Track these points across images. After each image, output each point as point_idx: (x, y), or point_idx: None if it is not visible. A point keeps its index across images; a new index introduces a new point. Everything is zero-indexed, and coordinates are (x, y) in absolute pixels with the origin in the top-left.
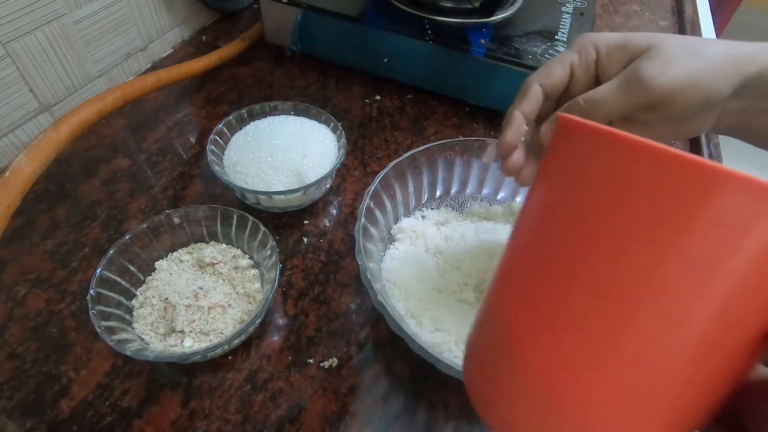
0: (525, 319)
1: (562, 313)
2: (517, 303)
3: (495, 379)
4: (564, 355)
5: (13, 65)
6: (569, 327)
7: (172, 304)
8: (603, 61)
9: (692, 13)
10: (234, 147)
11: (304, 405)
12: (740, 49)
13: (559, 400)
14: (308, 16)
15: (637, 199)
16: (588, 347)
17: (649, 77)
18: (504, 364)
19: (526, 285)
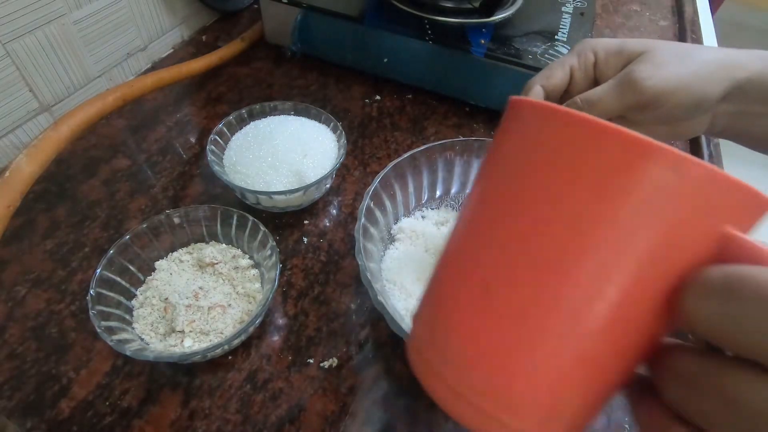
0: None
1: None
2: (455, 268)
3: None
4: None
5: (13, 65)
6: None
7: (172, 304)
8: (601, 65)
9: (692, 13)
10: (234, 147)
11: (304, 405)
12: (730, 56)
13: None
14: (308, 16)
15: (562, 163)
16: (511, 311)
17: (642, 79)
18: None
19: (462, 252)
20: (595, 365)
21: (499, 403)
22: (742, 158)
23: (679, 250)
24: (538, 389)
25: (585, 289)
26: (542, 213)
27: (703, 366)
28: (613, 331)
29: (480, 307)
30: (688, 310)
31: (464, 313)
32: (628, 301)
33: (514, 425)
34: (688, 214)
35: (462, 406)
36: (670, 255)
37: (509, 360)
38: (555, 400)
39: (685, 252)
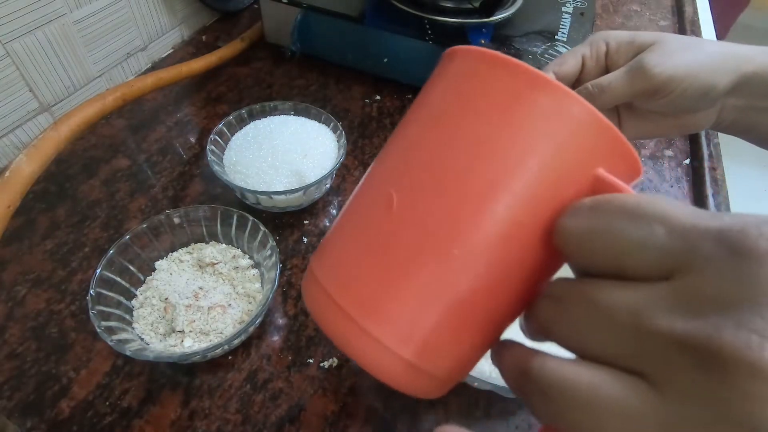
0: (368, 196)
1: (396, 190)
2: (365, 188)
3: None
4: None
5: (13, 65)
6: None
7: (172, 304)
8: (612, 54)
9: (692, 13)
10: (234, 147)
11: (304, 405)
12: (738, 49)
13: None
14: (308, 16)
15: (467, 89)
16: (407, 224)
17: (651, 66)
18: (340, 241)
19: (373, 174)
20: (475, 295)
21: (377, 318)
22: (742, 160)
23: (558, 182)
24: (414, 306)
25: (474, 205)
26: (446, 133)
27: (571, 284)
28: (495, 257)
29: (378, 218)
30: (560, 229)
31: (362, 224)
32: (511, 225)
33: (389, 342)
34: (568, 147)
35: (337, 317)
36: (549, 185)
37: (398, 269)
38: (423, 319)
39: (563, 185)
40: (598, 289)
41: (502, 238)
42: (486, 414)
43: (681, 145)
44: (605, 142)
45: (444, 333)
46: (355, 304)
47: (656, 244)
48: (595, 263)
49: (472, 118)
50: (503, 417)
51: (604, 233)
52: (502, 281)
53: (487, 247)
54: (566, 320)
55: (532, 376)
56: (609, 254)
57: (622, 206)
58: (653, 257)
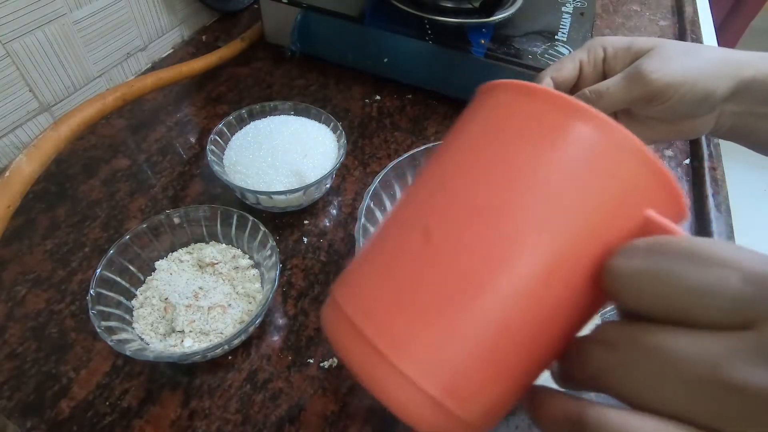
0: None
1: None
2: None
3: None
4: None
5: (13, 65)
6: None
7: (172, 304)
8: (610, 60)
9: (692, 13)
10: (234, 147)
11: (304, 405)
12: (736, 55)
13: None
14: (308, 16)
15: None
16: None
17: (649, 71)
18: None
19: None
20: (512, 334)
21: (410, 357)
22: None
23: (605, 220)
24: (447, 342)
25: (516, 241)
26: (488, 165)
27: (627, 329)
28: (535, 296)
29: (414, 253)
30: (612, 269)
31: (396, 257)
32: (554, 264)
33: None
34: (617, 184)
35: (360, 348)
36: (596, 223)
37: (431, 305)
38: (455, 356)
39: (610, 224)
40: (665, 336)
41: (544, 277)
42: None
43: (681, 146)
44: (654, 181)
45: (476, 373)
46: (383, 334)
47: (730, 291)
48: (653, 307)
49: (515, 150)
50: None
51: (665, 277)
52: (541, 322)
53: (527, 286)
54: (626, 370)
55: (587, 429)
56: (671, 301)
57: (685, 247)
58: (727, 305)
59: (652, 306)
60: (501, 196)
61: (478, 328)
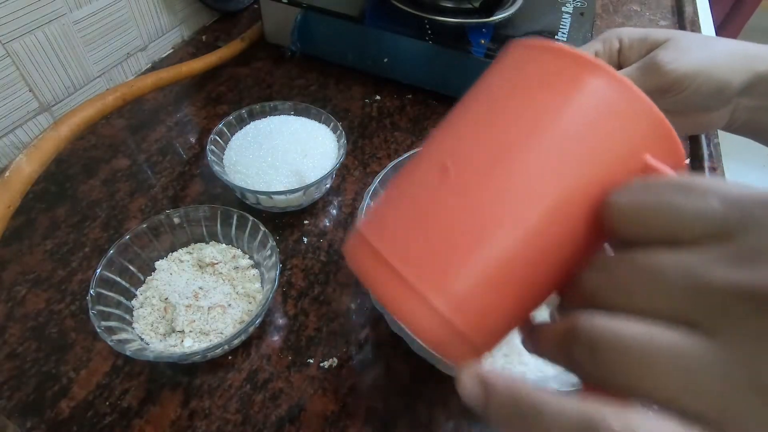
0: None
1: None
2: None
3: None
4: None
5: (13, 65)
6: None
7: (172, 304)
8: (625, 51)
9: (692, 13)
10: (234, 147)
11: (304, 405)
12: (753, 48)
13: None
14: (308, 16)
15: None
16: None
17: (665, 62)
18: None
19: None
20: (519, 264)
21: (424, 277)
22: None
23: (609, 163)
24: (460, 266)
25: (528, 178)
26: (506, 111)
27: (618, 254)
28: (542, 229)
29: (433, 186)
30: (611, 204)
31: (416, 191)
32: (561, 200)
33: (434, 301)
34: (622, 131)
35: (380, 270)
36: (601, 165)
37: (448, 234)
38: (465, 277)
39: (613, 167)
40: (650, 254)
41: (551, 213)
42: None
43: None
44: (656, 130)
45: (483, 294)
46: (401, 257)
47: (710, 211)
48: (645, 234)
49: (533, 99)
50: None
51: (657, 205)
52: (545, 255)
53: (536, 220)
54: (614, 284)
55: (579, 334)
56: (661, 224)
57: (675, 182)
58: (707, 223)
59: (645, 232)
60: (517, 138)
61: (489, 256)
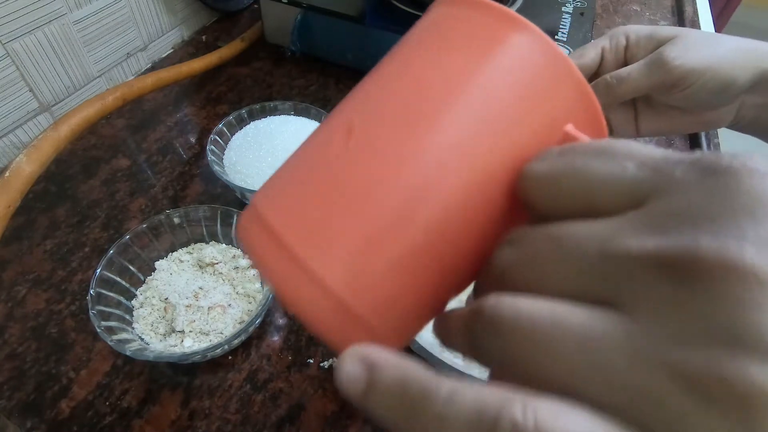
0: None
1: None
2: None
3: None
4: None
5: (13, 65)
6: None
7: (172, 304)
8: (632, 48)
9: (692, 13)
10: (234, 147)
11: (304, 405)
12: (759, 45)
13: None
14: (308, 16)
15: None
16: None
17: (671, 58)
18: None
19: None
20: (427, 241)
21: (318, 250)
22: None
23: (527, 130)
24: (358, 242)
25: (439, 141)
26: (420, 67)
27: (532, 227)
28: (454, 199)
29: (335, 148)
30: (526, 173)
31: (316, 153)
32: (474, 168)
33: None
34: (542, 96)
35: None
36: (518, 132)
37: (348, 203)
38: (365, 254)
39: (531, 134)
40: (564, 226)
41: (464, 181)
42: None
43: (681, 145)
44: (578, 99)
45: (388, 273)
46: (292, 230)
47: (626, 176)
48: (562, 205)
49: (449, 56)
50: None
51: (572, 173)
52: (458, 228)
53: (447, 187)
54: (525, 260)
55: (485, 314)
56: (576, 193)
57: (592, 147)
58: (623, 189)
59: (561, 204)
60: (429, 97)
61: (393, 226)
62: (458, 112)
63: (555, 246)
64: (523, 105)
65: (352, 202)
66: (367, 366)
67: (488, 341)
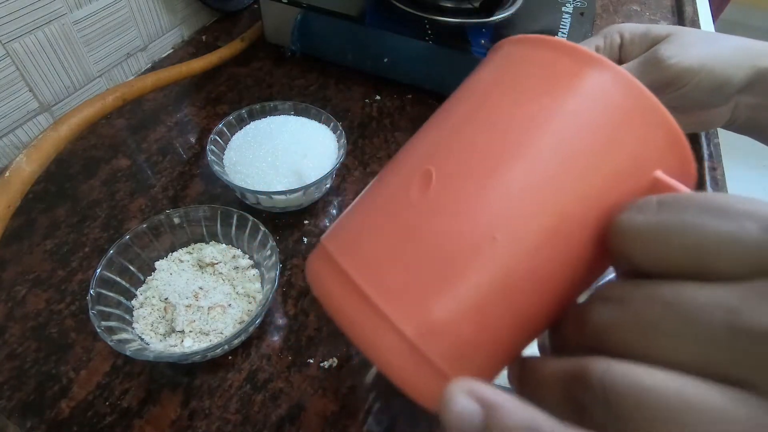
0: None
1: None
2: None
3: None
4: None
5: (13, 65)
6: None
7: (172, 304)
8: (626, 46)
9: (692, 13)
10: (234, 147)
11: (304, 405)
12: (755, 44)
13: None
14: (308, 16)
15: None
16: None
17: (666, 57)
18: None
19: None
20: (508, 293)
21: (398, 301)
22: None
23: (614, 177)
24: (438, 294)
25: (522, 190)
26: (497, 114)
27: (635, 285)
28: (537, 251)
29: (411, 197)
30: (622, 224)
31: (392, 202)
32: (559, 217)
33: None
34: (628, 139)
35: (356, 304)
36: (605, 179)
37: (427, 254)
38: (444, 306)
39: (618, 181)
40: (680, 290)
41: (546, 234)
42: None
43: None
44: (667, 141)
45: (466, 323)
46: (372, 280)
47: (748, 239)
48: (667, 263)
49: (526, 98)
50: None
51: (681, 230)
52: (539, 279)
53: (528, 242)
54: (632, 322)
55: (593, 382)
56: (687, 252)
57: (701, 201)
58: (745, 254)
59: (664, 260)
60: (508, 143)
61: (473, 278)
62: (540, 160)
63: (671, 312)
64: (609, 150)
65: (431, 252)
66: (485, 405)
67: (601, 413)
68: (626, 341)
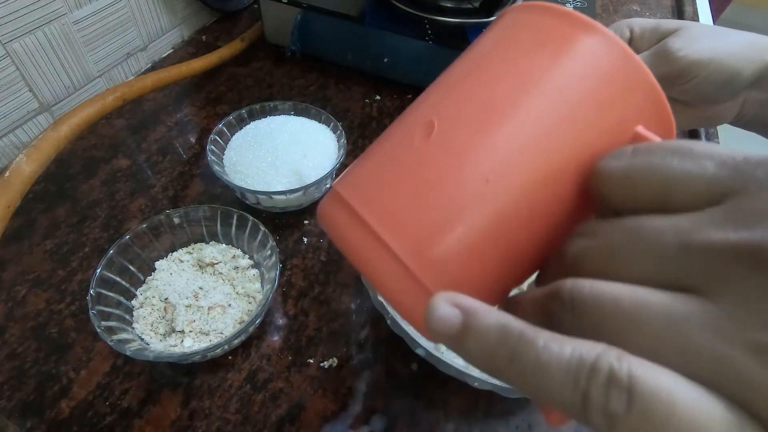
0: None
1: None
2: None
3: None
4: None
5: (13, 65)
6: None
7: (172, 304)
8: (636, 40)
9: (692, 13)
10: (234, 147)
11: (304, 405)
12: (764, 39)
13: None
14: (308, 16)
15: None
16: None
17: (675, 49)
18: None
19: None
20: (509, 228)
21: (402, 236)
22: None
23: (599, 130)
24: (434, 220)
25: (515, 139)
26: (496, 70)
27: (607, 221)
28: (526, 193)
29: (416, 143)
30: (601, 169)
31: (398, 147)
32: (548, 165)
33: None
34: (616, 97)
35: (355, 229)
36: (592, 132)
37: (429, 193)
38: (441, 240)
39: (604, 135)
40: (641, 220)
41: (536, 177)
42: (486, 414)
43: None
44: (650, 100)
45: (463, 259)
46: (378, 215)
47: (705, 174)
48: (637, 200)
49: (524, 58)
50: (503, 417)
51: (649, 170)
52: (531, 219)
53: (520, 183)
54: (600, 250)
55: (563, 295)
56: (653, 189)
57: (669, 145)
58: (701, 187)
59: (635, 197)
60: (504, 99)
61: (468, 216)
62: (532, 112)
63: (633, 237)
64: (596, 106)
65: (429, 191)
66: (464, 310)
67: (568, 320)
68: (595, 264)
